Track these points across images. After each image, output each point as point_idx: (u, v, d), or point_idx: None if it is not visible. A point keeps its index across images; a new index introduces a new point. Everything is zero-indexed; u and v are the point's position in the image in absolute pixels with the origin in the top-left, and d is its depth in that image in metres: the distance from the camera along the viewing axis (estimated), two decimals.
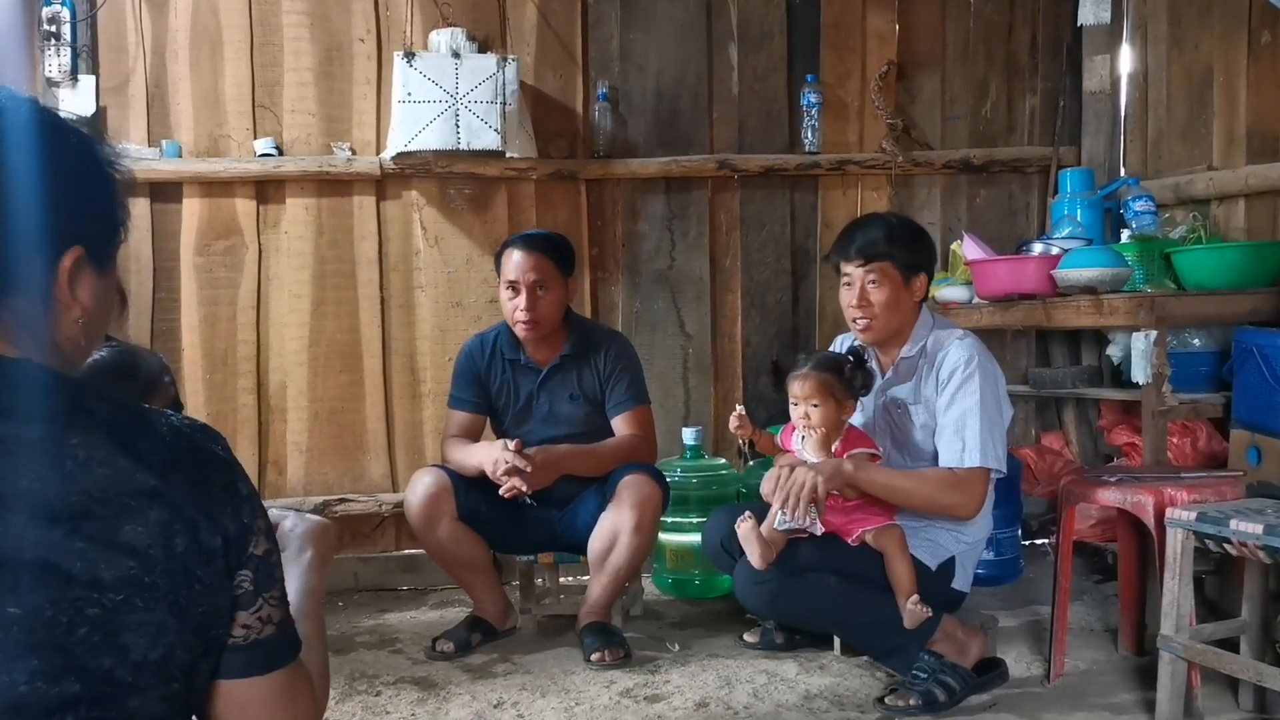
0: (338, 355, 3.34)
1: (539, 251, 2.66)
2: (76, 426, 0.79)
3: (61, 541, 0.75)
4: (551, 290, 2.66)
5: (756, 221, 3.54)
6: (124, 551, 0.77)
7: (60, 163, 0.87)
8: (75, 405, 0.81)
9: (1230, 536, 1.97)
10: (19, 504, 0.75)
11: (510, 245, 2.72)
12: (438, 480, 2.63)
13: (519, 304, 2.64)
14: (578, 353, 2.73)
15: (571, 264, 2.74)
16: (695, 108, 3.50)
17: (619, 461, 2.65)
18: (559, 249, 2.71)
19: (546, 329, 2.69)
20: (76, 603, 0.75)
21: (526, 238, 2.73)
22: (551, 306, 2.67)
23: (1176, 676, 2.06)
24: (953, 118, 3.62)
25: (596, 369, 2.73)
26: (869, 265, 2.32)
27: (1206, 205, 3.05)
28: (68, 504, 0.76)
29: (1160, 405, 2.54)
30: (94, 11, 3.17)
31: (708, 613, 2.97)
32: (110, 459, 0.78)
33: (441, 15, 3.29)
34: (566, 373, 2.74)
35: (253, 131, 3.27)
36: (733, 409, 2.33)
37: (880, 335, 2.36)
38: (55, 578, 0.75)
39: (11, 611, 0.74)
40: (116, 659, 0.76)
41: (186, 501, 0.81)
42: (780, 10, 3.52)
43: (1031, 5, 3.61)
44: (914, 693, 2.18)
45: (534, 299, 2.64)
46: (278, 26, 3.29)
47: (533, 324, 2.65)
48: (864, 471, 2.21)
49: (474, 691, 2.37)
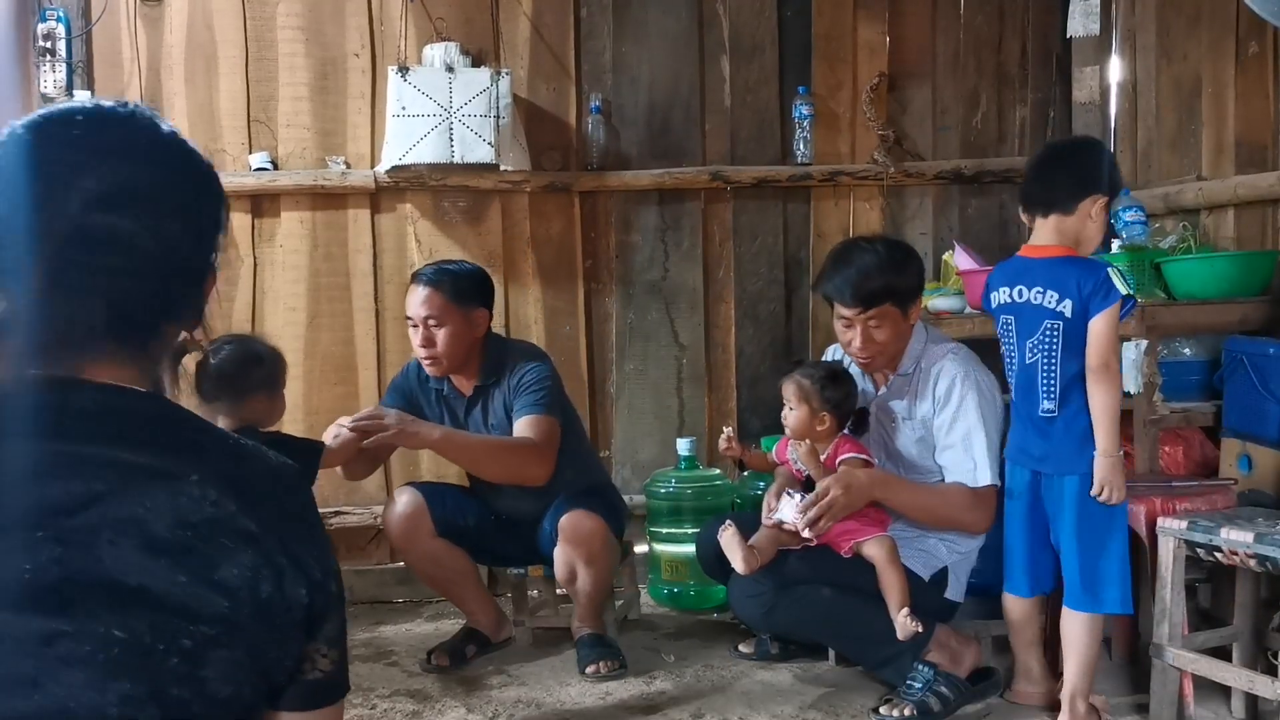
0: (333, 368, 3.34)
1: (429, 286, 2.57)
2: (194, 463, 0.81)
3: (164, 572, 0.77)
4: (446, 324, 2.55)
5: (749, 232, 3.55)
6: (219, 589, 0.79)
7: (209, 189, 0.90)
8: (194, 441, 0.84)
9: (1221, 545, 1.98)
10: (132, 530, 0.77)
11: (413, 280, 2.65)
12: (412, 499, 2.64)
13: (416, 341, 2.59)
14: (491, 380, 2.65)
15: (476, 295, 2.62)
16: (688, 119, 3.52)
17: (495, 459, 2.55)
18: (456, 281, 2.59)
19: (447, 366, 2.61)
20: (173, 633, 0.77)
21: (429, 271, 2.63)
22: (449, 341, 2.56)
23: (1169, 684, 2.07)
24: (943, 129, 3.64)
25: (506, 390, 2.63)
26: (869, 311, 2.30)
27: (1196, 215, 3.06)
28: (175, 537, 0.78)
29: (1151, 414, 2.55)
30: (89, 27, 3.18)
31: (703, 623, 2.97)
32: (221, 500, 0.80)
33: (435, 30, 3.31)
34: (485, 400, 2.66)
35: (248, 146, 3.28)
36: (729, 420, 2.35)
37: (882, 365, 2.39)
38: (156, 606, 0.77)
39: (116, 634, 0.75)
40: (194, 691, 0.78)
41: (278, 548, 0.82)
42: (771, 22, 3.54)
43: (1021, 16, 3.64)
44: (908, 702, 2.19)
45: (428, 335, 2.56)
46: (272, 42, 3.30)
47: (430, 360, 2.59)
48: (890, 491, 2.25)
49: (469, 704, 2.37)
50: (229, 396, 1.99)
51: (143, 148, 0.86)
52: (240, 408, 2.01)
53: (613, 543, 2.62)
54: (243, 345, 2.07)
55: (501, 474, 2.58)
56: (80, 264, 0.81)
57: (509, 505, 2.69)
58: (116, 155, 0.83)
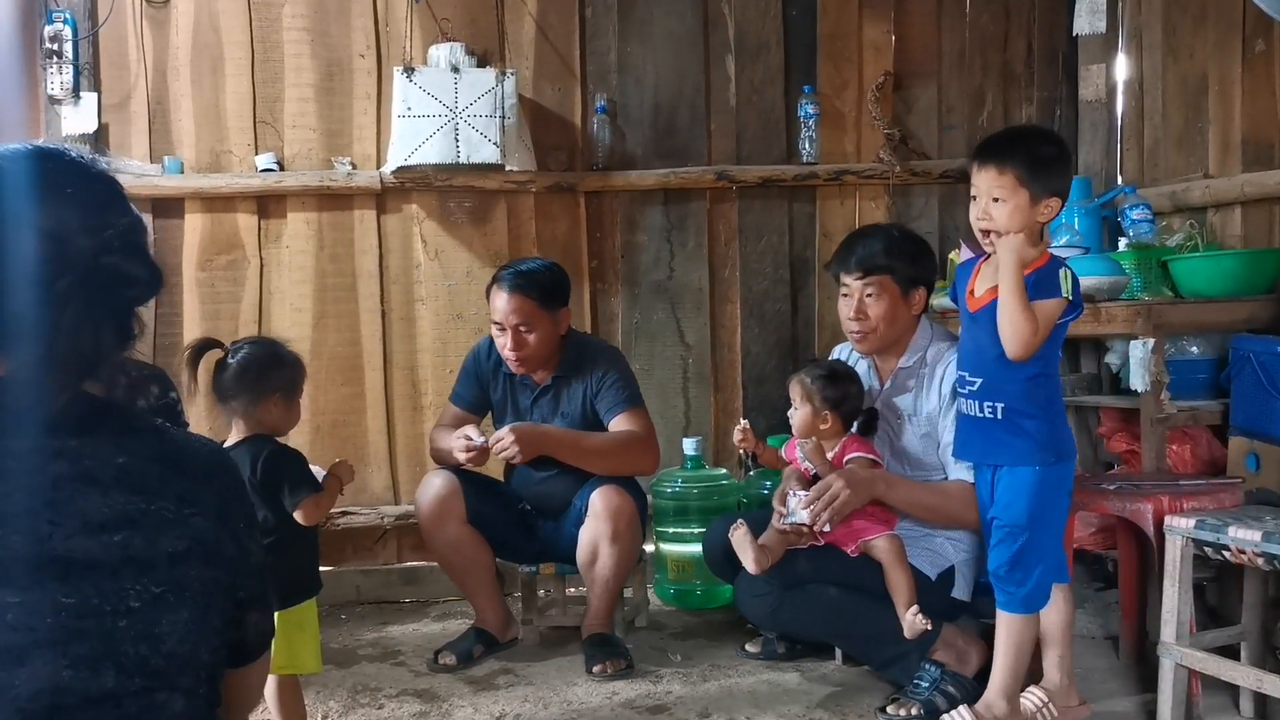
0: (339, 368, 3.35)
1: (520, 293, 2.63)
2: (127, 449, 0.94)
3: (113, 544, 0.89)
4: (537, 329, 2.65)
5: (755, 232, 3.55)
6: (164, 557, 0.92)
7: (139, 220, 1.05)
8: (128, 428, 0.96)
9: (1229, 544, 1.97)
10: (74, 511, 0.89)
11: (497, 282, 2.69)
12: (448, 482, 2.67)
13: (505, 343, 2.66)
14: (569, 373, 2.73)
15: (560, 296, 2.71)
16: (693, 119, 3.52)
17: (607, 455, 2.65)
18: (543, 286, 2.66)
19: (535, 365, 2.70)
20: (120, 595, 0.89)
21: (513, 276, 2.67)
22: (539, 344, 2.66)
23: (1177, 684, 2.07)
24: (949, 128, 3.63)
25: (588, 386, 2.72)
26: (867, 278, 2.34)
27: (1203, 213, 3.06)
28: (123, 511, 0.90)
29: (1159, 413, 2.54)
30: (95, 29, 3.19)
31: (710, 623, 2.97)
32: (164, 475, 0.94)
33: (441, 30, 3.31)
34: (559, 391, 2.74)
35: (254, 147, 3.29)
36: (735, 420, 2.36)
37: (876, 346, 2.38)
38: (104, 574, 0.88)
39: (65, 601, 0.87)
40: (151, 649, 0.89)
41: (216, 517, 0.96)
42: (777, 22, 3.54)
43: (1027, 15, 3.63)
44: (915, 701, 2.18)
45: (519, 339, 2.64)
46: (278, 43, 3.31)
47: (520, 362, 2.67)
48: (892, 489, 2.25)
49: (476, 704, 2.37)
50: (246, 395, 1.94)
51: (79, 185, 0.96)
52: (256, 409, 1.95)
53: (638, 526, 2.66)
54: (265, 346, 2.03)
55: (615, 467, 2.66)
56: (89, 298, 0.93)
57: (543, 490, 2.74)
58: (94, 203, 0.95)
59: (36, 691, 0.82)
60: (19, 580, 0.84)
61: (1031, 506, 2.01)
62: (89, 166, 0.97)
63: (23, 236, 0.89)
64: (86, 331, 0.91)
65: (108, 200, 0.97)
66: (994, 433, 2.03)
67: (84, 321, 0.91)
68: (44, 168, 0.93)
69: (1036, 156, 1.97)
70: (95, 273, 0.92)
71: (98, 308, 0.92)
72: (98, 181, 0.97)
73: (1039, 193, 1.96)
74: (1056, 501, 2.05)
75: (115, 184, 0.99)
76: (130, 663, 0.87)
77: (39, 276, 0.89)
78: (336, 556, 3.31)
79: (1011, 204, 1.96)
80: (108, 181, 0.98)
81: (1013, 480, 2.03)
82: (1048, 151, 2.00)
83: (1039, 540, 2.02)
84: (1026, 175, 1.95)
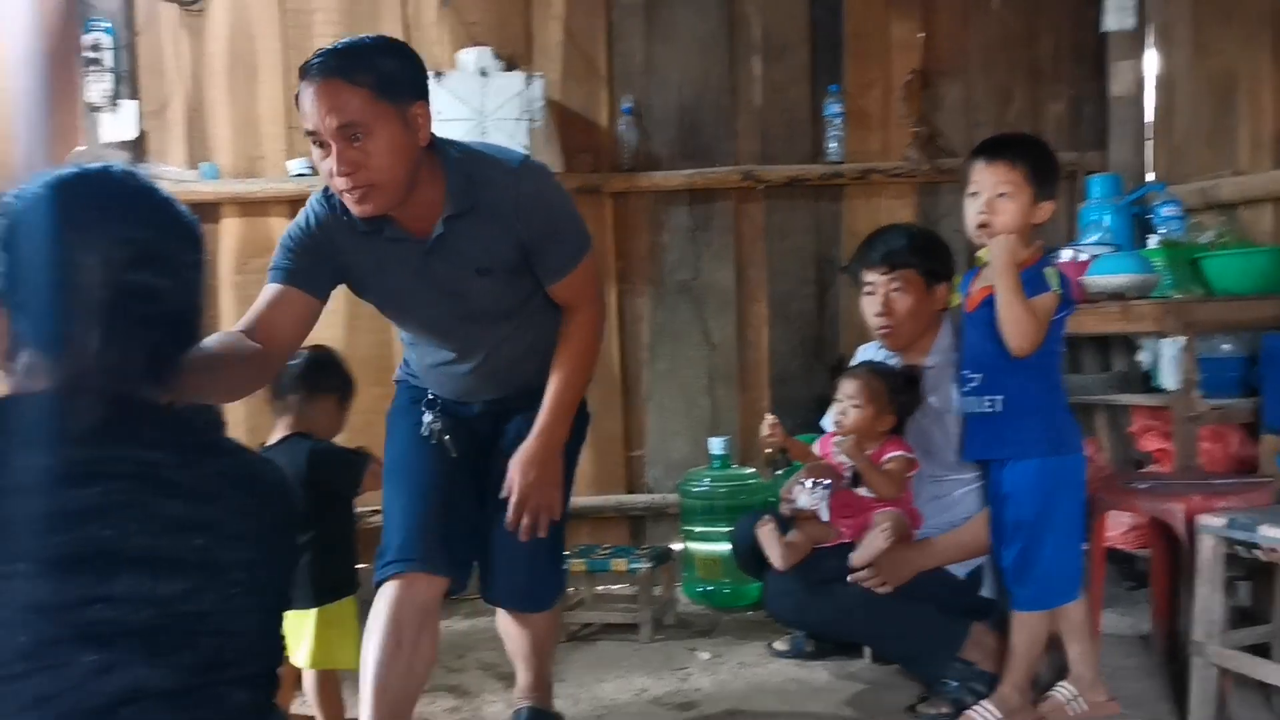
0: (371, 369, 3.38)
1: (338, 77, 1.63)
2: (210, 464, 1.02)
3: (193, 547, 0.96)
4: (375, 135, 1.64)
5: (780, 231, 3.56)
6: (236, 563, 1.00)
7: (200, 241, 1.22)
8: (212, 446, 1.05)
9: (1260, 542, 1.96)
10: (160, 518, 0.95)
11: (302, 76, 1.69)
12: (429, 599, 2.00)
13: (330, 166, 1.68)
14: (466, 208, 1.77)
15: (409, 81, 1.71)
16: (718, 120, 3.54)
17: (580, 385, 1.96)
18: (378, 68, 1.65)
19: (387, 197, 1.70)
20: (201, 593, 0.96)
21: (326, 58, 1.66)
22: (384, 156, 1.65)
23: (1208, 682, 2.06)
24: (977, 125, 3.62)
25: (505, 223, 1.80)
26: (893, 273, 2.35)
27: (1234, 209, 3.03)
28: (200, 519, 0.97)
29: (1190, 411, 2.53)
30: (134, 38, 3.26)
31: (737, 621, 2.99)
32: (234, 490, 1.02)
33: (469, 34, 3.35)
34: (460, 239, 1.79)
35: (287, 152, 3.35)
36: (761, 420, 2.37)
37: (903, 342, 2.39)
38: (187, 573, 0.95)
39: (157, 595, 0.93)
40: (223, 645, 0.96)
41: (274, 532, 1.06)
42: (803, 21, 3.55)
43: (1055, 11, 3.61)
44: (945, 700, 2.19)
45: (347, 155, 1.64)
46: (311, 49, 3.33)
47: (357, 190, 1.68)
48: (928, 557, 2.26)
49: (507, 699, 2.40)
50: (304, 390, 2.06)
51: (153, 211, 1.08)
52: (310, 407, 2.09)
53: (560, 611, 2.21)
54: (328, 351, 2.21)
55: (586, 378, 1.98)
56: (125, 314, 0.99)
57: None
58: (136, 219, 1.04)
59: (118, 685, 0.87)
60: (108, 573, 0.90)
61: (1037, 500, 2.03)
62: (155, 188, 1.08)
63: (92, 246, 0.96)
64: (150, 341, 0.99)
65: (169, 219, 1.11)
66: (996, 426, 2.07)
67: (149, 331, 0.99)
68: (118, 186, 1.05)
69: (1042, 159, 2.05)
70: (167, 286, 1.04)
71: (157, 319, 1.00)
72: (162, 200, 1.08)
73: (1040, 194, 2.02)
74: (1064, 497, 2.06)
75: (175, 202, 1.11)
76: (203, 659, 0.93)
77: (97, 285, 0.95)
78: (373, 555, 3.35)
79: (1018, 201, 2.01)
80: (169, 202, 1.10)
81: (1017, 474, 2.05)
82: (1049, 157, 2.08)
83: (1046, 537, 2.04)
84: (1033, 175, 2.02)
